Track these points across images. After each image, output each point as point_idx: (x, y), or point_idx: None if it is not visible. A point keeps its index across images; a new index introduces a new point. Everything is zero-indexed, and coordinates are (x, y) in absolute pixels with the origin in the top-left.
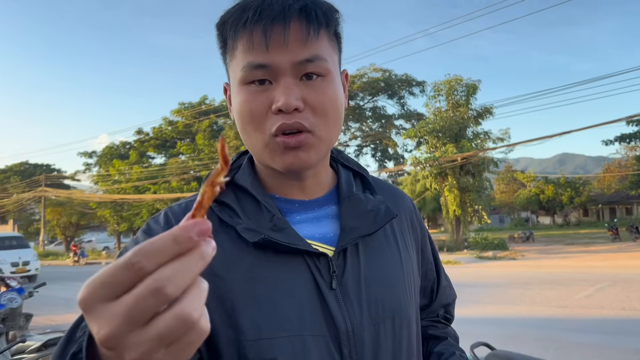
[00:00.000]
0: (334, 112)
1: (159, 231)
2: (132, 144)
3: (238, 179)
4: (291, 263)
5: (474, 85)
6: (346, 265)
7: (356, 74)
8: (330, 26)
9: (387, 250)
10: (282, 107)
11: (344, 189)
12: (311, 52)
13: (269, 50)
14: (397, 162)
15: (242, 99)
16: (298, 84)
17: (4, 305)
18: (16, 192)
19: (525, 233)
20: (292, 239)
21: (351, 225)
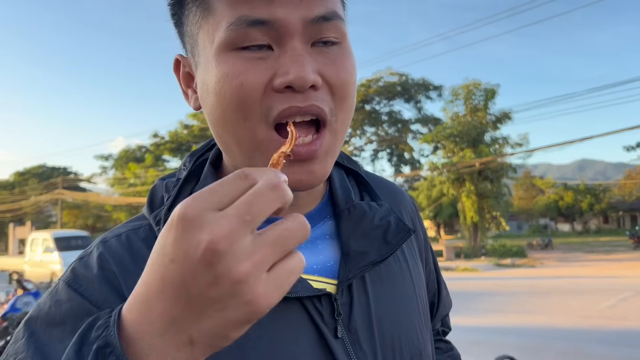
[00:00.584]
0: (353, 95)
1: (90, 280)
2: (147, 148)
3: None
4: (285, 312)
5: (493, 89)
6: (353, 304)
7: (372, 77)
8: None
9: (397, 274)
10: (293, 82)
11: (339, 197)
12: (328, 6)
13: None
14: (413, 167)
15: (225, 70)
16: (310, 52)
17: (19, 309)
18: (34, 194)
19: (544, 240)
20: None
21: (356, 249)
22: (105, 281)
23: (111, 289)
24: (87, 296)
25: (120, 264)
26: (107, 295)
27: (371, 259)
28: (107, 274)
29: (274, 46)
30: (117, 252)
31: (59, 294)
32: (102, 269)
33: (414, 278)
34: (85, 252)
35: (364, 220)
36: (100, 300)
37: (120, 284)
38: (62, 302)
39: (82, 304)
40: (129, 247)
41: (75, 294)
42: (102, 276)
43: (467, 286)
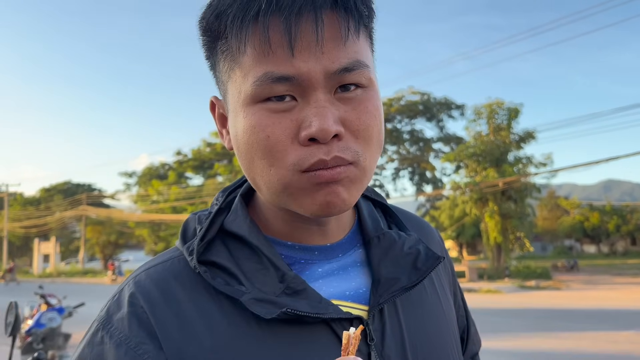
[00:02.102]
0: (378, 135)
1: (121, 319)
2: (171, 165)
3: (229, 225)
4: (315, 337)
5: (516, 109)
6: (385, 330)
7: (394, 96)
8: (370, 19)
9: (429, 302)
10: (316, 135)
11: (369, 226)
12: (350, 56)
13: (294, 54)
14: (435, 186)
15: (253, 123)
16: (333, 101)
17: (44, 325)
18: (59, 210)
19: (569, 262)
20: (316, 305)
21: (387, 275)
22: (135, 318)
23: (140, 324)
24: (116, 337)
25: (149, 300)
26: (137, 331)
27: (402, 284)
28: (136, 310)
29: (297, 98)
30: (145, 287)
31: (96, 337)
32: (131, 306)
33: (445, 308)
34: (119, 289)
35: (394, 247)
36: (130, 337)
37: (149, 318)
38: (95, 344)
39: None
40: (157, 281)
41: (107, 336)
42: (132, 313)
43: (490, 308)
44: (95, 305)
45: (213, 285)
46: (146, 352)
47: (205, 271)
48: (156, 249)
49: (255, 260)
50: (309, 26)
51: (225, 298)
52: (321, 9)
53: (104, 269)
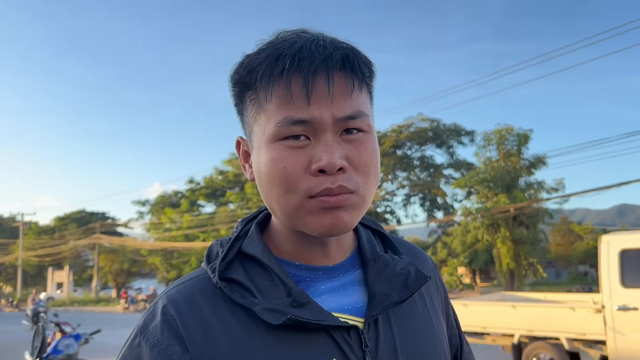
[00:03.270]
0: (375, 170)
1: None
2: (183, 193)
3: (246, 248)
4: (317, 342)
5: (526, 134)
6: (379, 338)
7: (404, 123)
8: (371, 77)
9: (419, 318)
10: (325, 167)
11: (366, 250)
12: (354, 107)
13: (310, 103)
14: (447, 212)
15: (273, 157)
16: (339, 141)
17: (61, 352)
18: (73, 238)
19: (584, 288)
20: (317, 314)
21: (381, 292)
22: (166, 325)
23: (170, 330)
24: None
25: (178, 310)
26: (167, 336)
27: (393, 299)
28: (167, 319)
29: (310, 137)
30: (175, 300)
31: (134, 341)
32: (164, 315)
33: (435, 324)
34: (153, 303)
35: (387, 268)
36: (162, 340)
37: (178, 326)
38: (133, 347)
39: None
40: (185, 295)
41: (144, 340)
42: (164, 321)
43: None
44: (107, 333)
45: (231, 298)
46: (175, 353)
47: (225, 286)
48: (168, 277)
49: (267, 278)
50: (322, 82)
51: (241, 309)
52: (333, 70)
53: (117, 297)
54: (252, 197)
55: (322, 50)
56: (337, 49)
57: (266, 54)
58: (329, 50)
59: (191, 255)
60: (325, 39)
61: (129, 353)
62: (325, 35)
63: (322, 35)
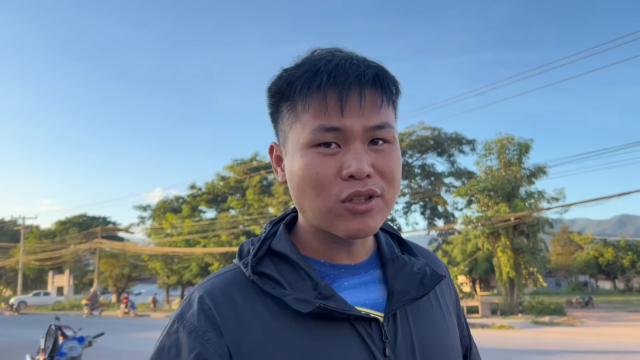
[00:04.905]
0: (399, 177)
1: (192, 314)
2: (185, 199)
3: (275, 246)
4: (341, 332)
5: (526, 144)
6: (397, 331)
7: (405, 131)
8: (397, 94)
9: (433, 315)
10: (354, 173)
11: (385, 252)
12: (382, 119)
13: (344, 115)
14: (447, 221)
15: (307, 162)
16: (366, 150)
17: (65, 354)
18: (74, 243)
19: (584, 298)
20: (343, 306)
21: (399, 289)
22: (202, 313)
23: (206, 318)
24: (187, 327)
25: (213, 300)
26: (204, 323)
27: (411, 296)
28: (204, 307)
29: (341, 145)
30: (211, 291)
31: (172, 328)
32: (200, 304)
33: (448, 322)
34: (189, 294)
35: (405, 268)
36: (199, 327)
37: (214, 314)
38: (171, 333)
39: (188, 336)
40: (220, 287)
41: (181, 327)
42: (200, 309)
43: (503, 343)
44: (108, 338)
45: (263, 289)
46: (210, 339)
47: (257, 279)
48: (169, 282)
49: (295, 273)
50: (355, 96)
51: (271, 300)
52: (365, 86)
53: (117, 302)
54: (254, 203)
55: (355, 68)
56: (369, 68)
57: (305, 69)
58: (362, 69)
59: (192, 261)
60: (358, 58)
61: (167, 339)
62: (357, 55)
63: (355, 55)
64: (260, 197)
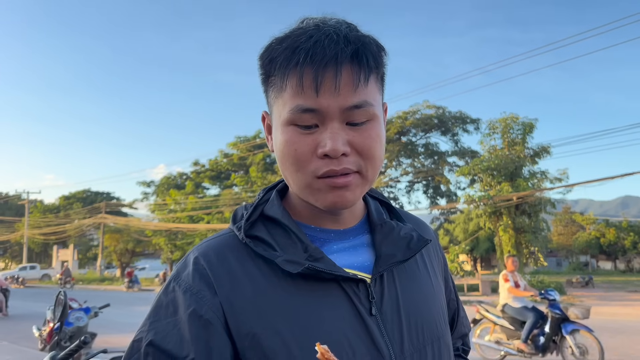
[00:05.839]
0: (379, 153)
1: (187, 274)
2: (188, 175)
3: (268, 211)
4: (329, 292)
5: (531, 124)
6: (384, 292)
7: (409, 110)
8: (379, 69)
9: (420, 277)
10: (329, 152)
11: (374, 218)
12: (360, 98)
13: (319, 95)
14: (450, 200)
15: (286, 139)
16: (344, 128)
17: (72, 324)
18: (78, 218)
19: (584, 278)
20: (331, 267)
21: (386, 252)
22: (197, 273)
23: (201, 278)
24: (183, 286)
25: (208, 261)
26: (198, 282)
27: (397, 259)
28: (198, 268)
29: (319, 124)
30: (206, 253)
31: (168, 290)
32: (195, 265)
33: (434, 284)
34: (185, 257)
35: (392, 233)
36: (194, 286)
37: (208, 274)
38: (168, 292)
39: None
40: (214, 249)
41: (177, 286)
42: (195, 269)
43: None
44: (113, 311)
45: (255, 251)
46: (205, 297)
47: (249, 242)
48: (172, 258)
49: (286, 237)
50: (331, 75)
51: (263, 261)
52: (341, 64)
53: (121, 276)
54: (257, 180)
55: (334, 46)
56: (349, 44)
57: (286, 44)
58: (341, 46)
59: (195, 237)
60: (340, 33)
61: (164, 298)
62: (341, 28)
63: (339, 29)
64: (263, 174)
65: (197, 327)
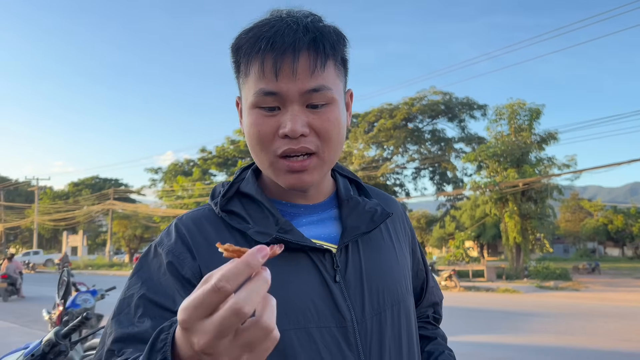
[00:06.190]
0: (337, 136)
1: (169, 240)
2: (195, 162)
3: (243, 188)
4: (297, 261)
5: (538, 109)
6: (348, 261)
7: (416, 96)
8: (337, 55)
9: (384, 247)
10: (288, 133)
11: (342, 194)
12: (317, 82)
13: (278, 79)
14: (457, 186)
15: (252, 121)
16: (304, 111)
17: (79, 305)
18: (87, 204)
19: (590, 264)
20: (299, 238)
21: (351, 225)
22: (179, 239)
23: (182, 243)
24: (166, 249)
25: (188, 229)
26: (180, 247)
27: (361, 230)
28: (180, 235)
29: (281, 107)
30: (186, 222)
31: (151, 253)
32: (177, 232)
33: (398, 254)
34: (168, 226)
35: (358, 207)
36: (175, 248)
37: (189, 240)
38: (152, 255)
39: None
40: (194, 219)
41: (161, 249)
42: (177, 236)
43: (505, 306)
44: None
45: (230, 224)
46: (186, 259)
47: (225, 215)
48: None
49: (259, 211)
50: (289, 61)
51: (238, 233)
52: (299, 51)
53: (130, 262)
54: None
55: (292, 34)
56: (308, 33)
57: (251, 34)
58: (299, 35)
59: None
60: (301, 23)
61: (151, 259)
62: (303, 19)
63: (301, 19)
64: None
65: (181, 283)
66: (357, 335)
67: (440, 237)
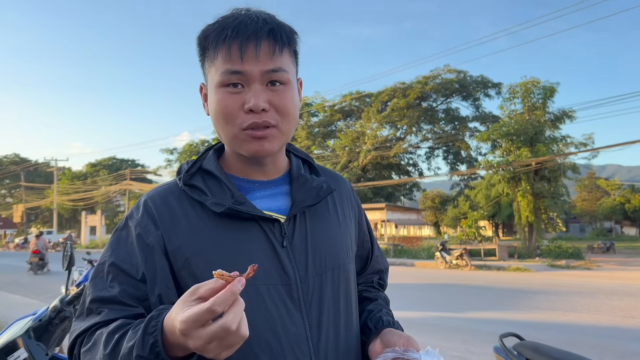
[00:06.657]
0: (294, 112)
1: (137, 213)
2: (210, 142)
3: (205, 165)
4: (249, 229)
5: (552, 88)
6: (295, 229)
7: (430, 75)
8: (291, 45)
9: (329, 219)
10: (252, 107)
11: (294, 172)
12: (276, 64)
13: (243, 61)
14: (470, 166)
15: (218, 98)
16: (265, 90)
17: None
18: (104, 184)
19: (605, 244)
20: (250, 209)
21: (299, 199)
22: (146, 212)
23: (148, 216)
24: (134, 222)
25: (154, 203)
26: (146, 219)
27: (307, 203)
28: (147, 208)
29: (244, 85)
30: (152, 197)
31: (122, 225)
32: (144, 206)
33: (342, 226)
34: (138, 201)
35: (306, 183)
36: (142, 221)
37: (154, 213)
38: (123, 228)
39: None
40: (160, 194)
41: (131, 221)
42: (144, 210)
43: (515, 284)
44: None
45: (191, 196)
46: (150, 230)
47: (187, 189)
48: None
49: (218, 185)
50: (252, 46)
51: (199, 205)
52: (260, 38)
53: None
54: None
55: (254, 25)
56: (267, 24)
57: (217, 25)
58: (260, 25)
59: None
60: (260, 17)
61: (121, 231)
62: (262, 14)
63: (260, 14)
64: None
65: (145, 252)
66: (300, 291)
67: (455, 217)
